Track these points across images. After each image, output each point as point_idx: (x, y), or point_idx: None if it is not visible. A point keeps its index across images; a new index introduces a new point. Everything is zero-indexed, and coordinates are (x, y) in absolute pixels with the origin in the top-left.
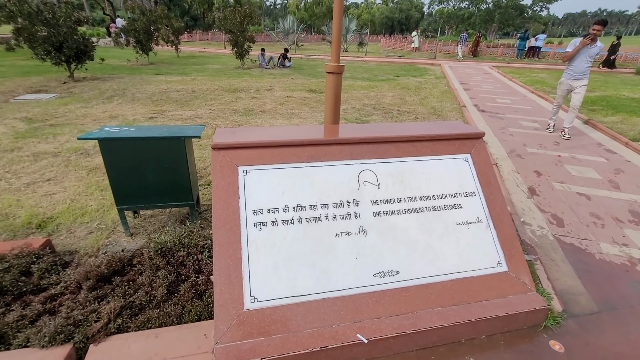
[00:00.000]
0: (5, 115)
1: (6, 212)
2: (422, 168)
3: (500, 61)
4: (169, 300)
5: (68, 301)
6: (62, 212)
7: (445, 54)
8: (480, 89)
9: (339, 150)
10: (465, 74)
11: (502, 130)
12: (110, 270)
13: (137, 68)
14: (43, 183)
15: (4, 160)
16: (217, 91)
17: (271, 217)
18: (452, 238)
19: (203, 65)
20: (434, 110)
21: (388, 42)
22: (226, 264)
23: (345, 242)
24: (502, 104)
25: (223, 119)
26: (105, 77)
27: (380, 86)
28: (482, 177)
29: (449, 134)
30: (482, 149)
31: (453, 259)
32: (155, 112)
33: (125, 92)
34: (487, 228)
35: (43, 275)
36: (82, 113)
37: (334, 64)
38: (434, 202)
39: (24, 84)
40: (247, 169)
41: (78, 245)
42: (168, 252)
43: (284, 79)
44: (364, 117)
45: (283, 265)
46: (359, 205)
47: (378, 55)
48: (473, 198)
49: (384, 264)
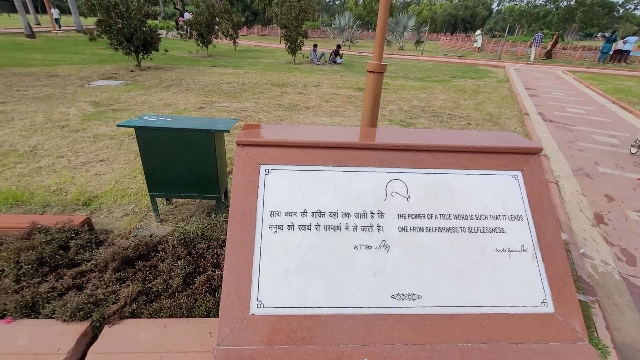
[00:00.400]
0: (78, 98)
1: (61, 187)
2: (461, 183)
3: (578, 65)
4: (183, 291)
5: (94, 279)
6: (106, 192)
7: (512, 55)
8: (548, 96)
9: (368, 155)
10: (532, 78)
11: (570, 144)
12: (136, 254)
13: (197, 60)
14: (96, 163)
15: (69, 139)
16: (265, 85)
17: (288, 220)
18: (488, 266)
19: (257, 59)
20: (490, 116)
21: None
22: (237, 264)
23: (364, 256)
24: (574, 114)
25: (266, 112)
26: (167, 67)
27: (433, 87)
28: (533, 199)
29: (498, 146)
30: (537, 167)
31: (487, 290)
32: (205, 102)
33: (182, 82)
34: (533, 259)
35: (78, 251)
36: (141, 100)
37: (375, 63)
38: (471, 222)
39: (99, 71)
40: (269, 168)
41: (113, 226)
42: (190, 243)
43: (333, 75)
44: (410, 119)
45: (294, 273)
46: (383, 218)
47: (435, 55)
48: (519, 223)
49: (405, 285)
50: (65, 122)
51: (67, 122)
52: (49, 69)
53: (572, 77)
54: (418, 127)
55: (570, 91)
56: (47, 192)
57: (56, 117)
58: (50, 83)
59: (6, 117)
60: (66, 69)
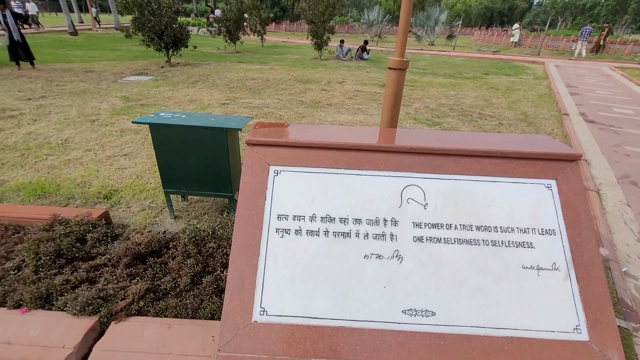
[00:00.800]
0: (110, 93)
1: (86, 180)
2: (486, 191)
3: (627, 61)
4: (190, 291)
5: (107, 273)
6: (127, 186)
7: (553, 50)
8: (592, 95)
9: (383, 158)
10: (575, 75)
11: (616, 148)
12: (148, 250)
13: (224, 56)
14: (120, 157)
15: (98, 133)
16: (289, 81)
17: (296, 225)
18: (513, 284)
19: (283, 55)
20: (524, 116)
21: (482, 35)
22: (241, 268)
23: (374, 266)
24: (621, 115)
25: (288, 109)
26: (195, 63)
27: (464, 85)
28: (568, 211)
29: (530, 151)
30: (574, 176)
31: (511, 311)
32: (229, 98)
33: (208, 78)
34: (566, 279)
35: (94, 245)
36: (168, 95)
37: (397, 59)
38: (495, 235)
39: (132, 66)
40: (279, 170)
41: (130, 220)
42: (201, 242)
43: (359, 72)
44: (436, 118)
45: (300, 280)
46: (397, 226)
47: (468, 50)
48: (551, 237)
49: (418, 301)
50: (96, 117)
51: (98, 117)
52: (86, 65)
53: (620, 74)
54: (445, 127)
55: (617, 89)
56: (72, 184)
57: (88, 112)
58: (86, 78)
59: (44, 110)
60: (102, 65)
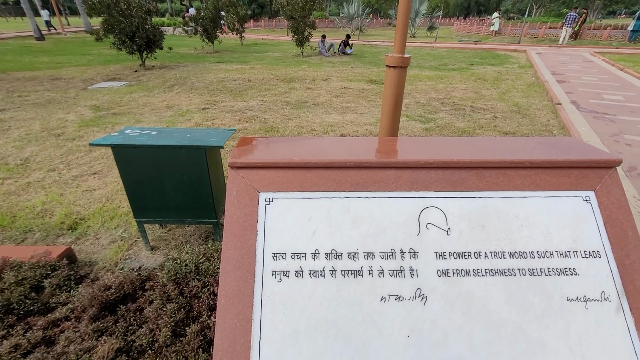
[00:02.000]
0: (79, 102)
1: (46, 207)
2: (517, 209)
3: (606, 46)
4: (171, 346)
5: (69, 330)
6: (95, 212)
7: (532, 38)
8: (579, 81)
9: (394, 176)
10: (558, 63)
11: (615, 137)
12: (120, 295)
13: (202, 56)
14: (89, 177)
15: (63, 150)
16: (272, 81)
17: (295, 264)
18: (558, 322)
19: (263, 53)
20: (517, 107)
21: (462, 25)
22: (232, 325)
23: (394, 310)
24: (612, 102)
25: (273, 112)
26: (172, 65)
27: (451, 77)
28: (612, 228)
29: (562, 159)
30: (614, 185)
31: (558, 354)
32: (209, 102)
33: (186, 81)
34: (618, 310)
35: (54, 293)
36: (143, 102)
37: (397, 56)
38: (532, 262)
39: (103, 72)
40: (271, 197)
41: (99, 256)
42: (182, 280)
43: (343, 67)
44: (429, 114)
45: (306, 336)
46: (417, 258)
47: (450, 41)
48: (596, 261)
49: (450, 351)
50: (62, 130)
51: (64, 130)
52: (53, 72)
53: (602, 60)
54: (439, 124)
55: (602, 75)
56: (31, 213)
57: (53, 125)
58: (52, 87)
59: (2, 126)
60: (70, 72)
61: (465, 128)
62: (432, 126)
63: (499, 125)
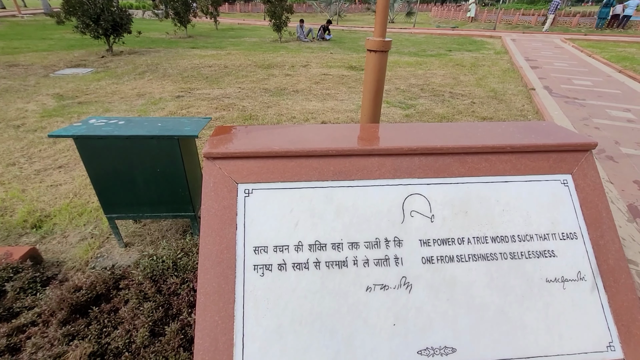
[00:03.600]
0: (40, 91)
1: (6, 205)
2: (498, 194)
3: (575, 32)
4: (150, 346)
5: (36, 336)
6: (62, 208)
7: (507, 24)
8: (551, 67)
9: (378, 164)
10: (531, 49)
11: (585, 121)
12: (92, 295)
13: (175, 41)
14: (54, 170)
15: (24, 142)
16: (249, 67)
17: (278, 257)
18: (538, 303)
19: (240, 38)
20: (494, 93)
21: (440, 11)
22: (213, 322)
23: (379, 299)
24: (582, 87)
25: (252, 99)
26: (142, 50)
27: (430, 63)
28: (588, 210)
29: (541, 143)
30: (590, 168)
31: (539, 334)
32: (184, 90)
33: (158, 67)
34: (593, 289)
35: (17, 297)
36: (111, 90)
37: (377, 39)
38: (513, 246)
39: (66, 58)
40: (250, 188)
41: (67, 255)
42: (160, 277)
43: (322, 53)
44: (409, 100)
45: (290, 330)
46: (402, 247)
47: (428, 27)
48: (573, 242)
49: (435, 337)
50: (22, 121)
51: (24, 121)
52: (9, 58)
53: (571, 46)
54: (419, 110)
55: (572, 61)
56: None
57: (11, 115)
58: (9, 74)
59: None
60: (29, 57)
61: (445, 114)
62: (413, 112)
63: (476, 110)
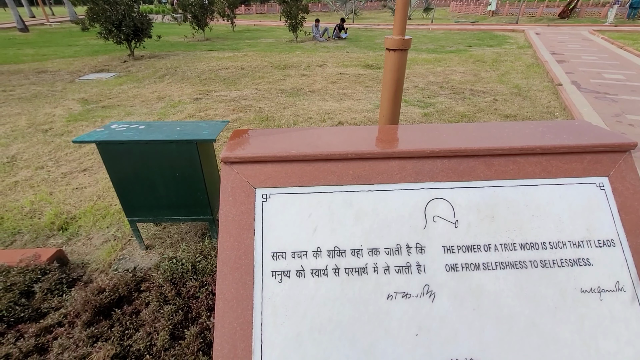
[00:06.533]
0: (66, 96)
1: (35, 207)
2: (527, 198)
3: (603, 24)
4: (170, 350)
5: (62, 336)
6: (86, 211)
7: (530, 17)
8: (578, 61)
9: (398, 167)
10: (557, 42)
11: (617, 117)
12: (115, 297)
13: (193, 44)
14: (79, 173)
15: (51, 146)
16: (266, 68)
17: (296, 264)
18: (572, 314)
19: (256, 39)
20: (518, 89)
21: (459, 6)
22: (231, 329)
23: (401, 308)
24: (613, 81)
25: (268, 100)
26: (162, 54)
27: (449, 59)
28: (627, 215)
29: (574, 144)
30: (629, 170)
31: (574, 349)
32: (202, 92)
33: (177, 70)
34: (633, 300)
35: (45, 297)
36: (133, 94)
37: (397, 38)
38: (544, 253)
39: (91, 63)
40: (268, 193)
41: (91, 257)
42: (180, 280)
43: (338, 52)
44: (428, 98)
45: (309, 338)
46: (424, 253)
47: (446, 22)
48: (611, 250)
49: (460, 348)
50: (50, 125)
51: (52, 125)
52: (38, 65)
53: (601, 38)
54: (438, 108)
55: (602, 54)
56: (19, 214)
57: (40, 120)
58: (38, 80)
59: None
60: (56, 64)
61: (466, 112)
62: (432, 111)
63: (499, 108)
